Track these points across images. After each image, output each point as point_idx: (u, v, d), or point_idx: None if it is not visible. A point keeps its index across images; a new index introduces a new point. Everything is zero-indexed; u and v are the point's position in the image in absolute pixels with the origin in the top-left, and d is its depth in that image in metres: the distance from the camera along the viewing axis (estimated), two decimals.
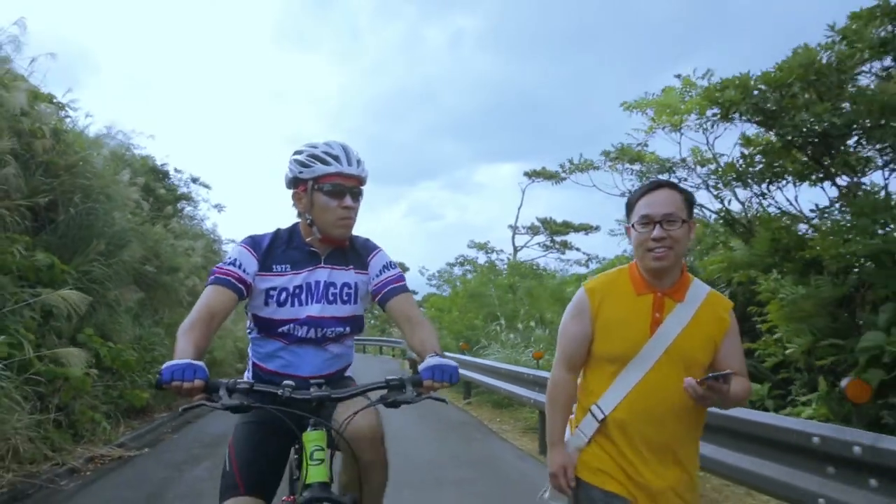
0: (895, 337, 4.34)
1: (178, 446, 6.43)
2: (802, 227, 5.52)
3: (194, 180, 15.33)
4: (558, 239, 30.25)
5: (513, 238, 29.98)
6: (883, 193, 4.84)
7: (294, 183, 1.95)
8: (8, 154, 6.29)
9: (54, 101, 8.98)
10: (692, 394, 1.64)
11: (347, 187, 1.88)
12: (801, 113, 4.46)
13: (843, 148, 4.71)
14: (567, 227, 29.30)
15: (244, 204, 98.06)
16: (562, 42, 78.57)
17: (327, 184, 1.87)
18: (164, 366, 1.50)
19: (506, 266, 20.08)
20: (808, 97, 4.63)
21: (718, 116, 5.22)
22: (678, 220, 1.71)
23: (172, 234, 11.28)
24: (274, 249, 1.96)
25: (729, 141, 16.84)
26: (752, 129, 5.47)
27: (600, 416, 1.78)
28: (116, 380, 6.96)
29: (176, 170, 14.28)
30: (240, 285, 1.86)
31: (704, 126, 5.79)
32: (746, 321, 5.46)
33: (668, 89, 6.46)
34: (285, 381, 1.58)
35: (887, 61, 4.57)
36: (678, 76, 6.25)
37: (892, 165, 4.72)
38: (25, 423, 4.70)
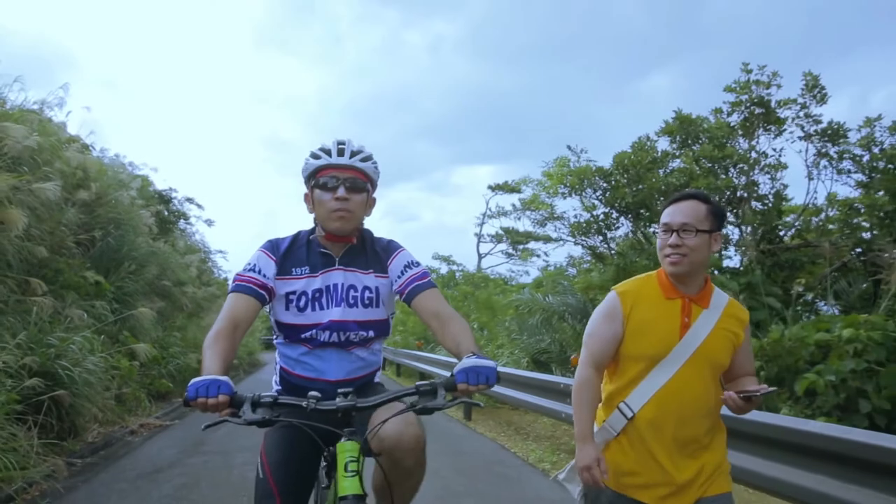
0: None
1: (204, 418, 8.55)
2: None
3: (188, 200, 17.25)
4: (521, 247, 32.68)
5: (477, 246, 32.28)
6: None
7: (306, 185, 1.95)
8: (70, 199, 8.34)
9: (81, 142, 11.01)
10: (731, 405, 1.79)
11: (341, 179, 1.85)
12: (621, 190, 6.87)
13: (640, 213, 7.18)
14: (528, 236, 31.67)
15: (220, 203, 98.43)
16: (540, 50, 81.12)
17: (321, 178, 1.87)
18: (191, 383, 1.50)
19: (460, 276, 22.50)
20: (623, 182, 7.05)
21: (568, 192, 7.71)
22: (693, 229, 1.82)
23: (178, 252, 13.31)
24: (293, 252, 1.95)
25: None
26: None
27: (630, 414, 1.86)
28: (148, 370, 9.05)
29: (172, 189, 16.26)
30: (261, 291, 1.86)
31: (565, 194, 8.27)
32: None
33: (562, 160, 8.82)
34: (311, 393, 1.53)
35: (676, 162, 7.03)
36: (570, 147, 8.65)
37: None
38: (103, 397, 6.82)
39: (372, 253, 1.98)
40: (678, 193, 1.96)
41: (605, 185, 7.35)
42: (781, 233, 7.85)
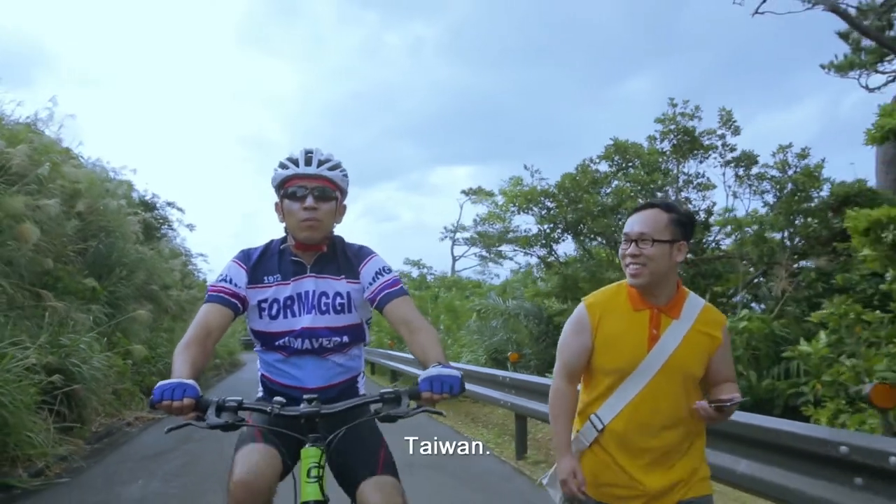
0: None
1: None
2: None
3: (170, 204, 17.91)
4: (494, 249, 33.68)
5: (451, 249, 33.21)
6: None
7: (276, 195, 1.96)
8: (68, 211, 9.09)
9: (74, 154, 11.70)
10: (703, 415, 1.77)
11: (308, 188, 1.87)
12: (563, 210, 7.94)
13: (578, 229, 8.31)
14: (501, 239, 32.65)
15: (198, 203, 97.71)
16: (520, 53, 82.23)
17: (289, 187, 1.88)
18: (157, 386, 1.51)
19: (432, 279, 23.55)
20: (564, 202, 8.14)
21: (517, 210, 8.83)
22: (650, 239, 1.79)
23: (162, 257, 14.03)
24: (265, 260, 1.97)
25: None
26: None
27: (599, 426, 1.86)
28: (140, 369, 9.84)
29: (155, 195, 16.93)
30: (233, 300, 1.88)
31: (514, 212, 9.38)
32: (556, 330, 8.92)
33: (516, 180, 9.90)
34: (275, 398, 1.56)
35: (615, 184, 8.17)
36: (526, 167, 9.74)
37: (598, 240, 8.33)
38: (105, 392, 7.64)
39: (343, 259, 1.99)
40: (642, 203, 1.96)
41: (549, 204, 8.44)
42: (705, 245, 9.02)
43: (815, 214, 7.96)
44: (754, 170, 8.75)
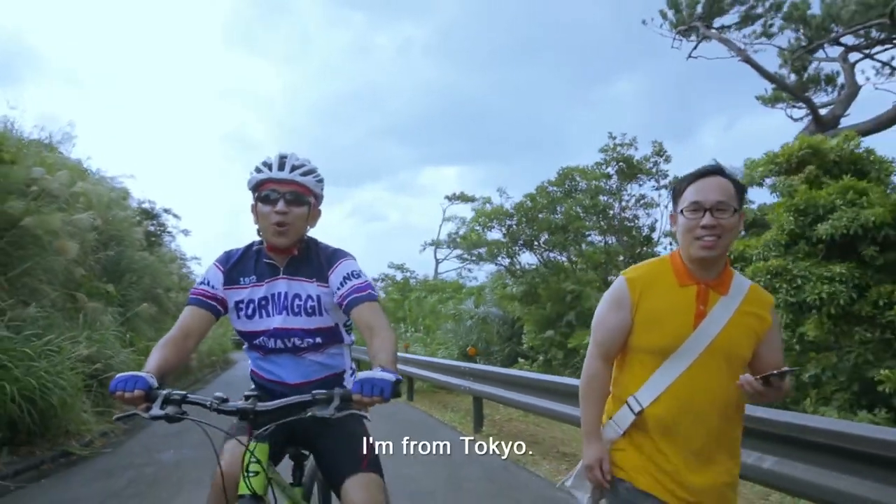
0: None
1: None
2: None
3: (166, 211, 19.01)
4: (476, 252, 34.99)
5: (434, 252, 34.43)
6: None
7: (252, 197, 2.00)
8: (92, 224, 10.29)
9: (90, 171, 12.86)
10: (748, 390, 1.60)
11: (281, 193, 1.91)
12: (521, 228, 9.45)
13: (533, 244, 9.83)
14: (476, 244, 33.96)
15: (186, 201, 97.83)
16: (507, 53, 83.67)
17: (263, 191, 1.93)
18: (115, 377, 1.61)
19: (415, 282, 24.97)
20: (522, 222, 9.67)
21: (482, 229, 10.28)
22: (729, 208, 1.66)
23: (163, 262, 15.21)
24: (242, 262, 2.04)
25: None
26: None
27: (637, 409, 1.73)
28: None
29: (151, 202, 18.03)
30: (212, 302, 1.98)
31: (479, 232, 10.85)
32: (521, 330, 10.39)
33: (487, 199, 11.39)
34: (216, 394, 1.61)
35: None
36: (501, 190, 11.24)
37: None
38: None
39: (316, 262, 2.03)
40: (697, 169, 1.77)
41: (510, 223, 9.93)
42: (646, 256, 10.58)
43: None
44: None
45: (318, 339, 2.01)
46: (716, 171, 1.75)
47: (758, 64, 10.08)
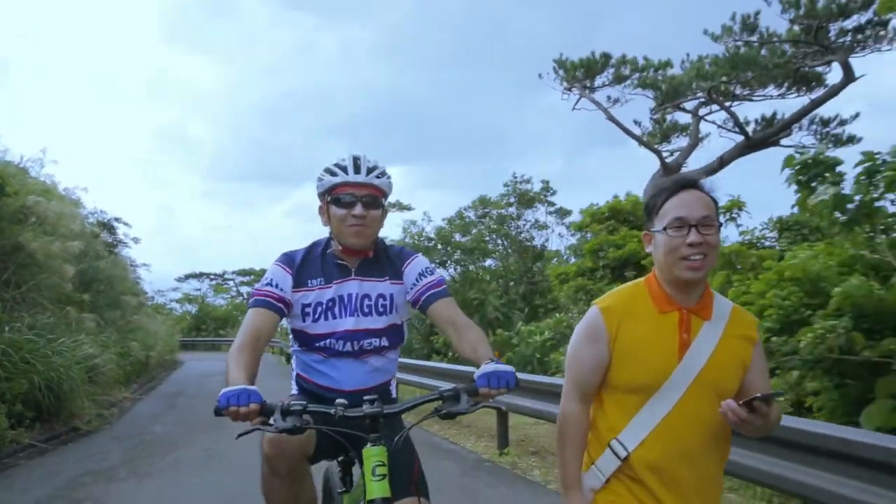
0: None
1: (166, 390, 12.47)
2: None
3: (118, 220, 20.28)
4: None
5: None
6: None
7: (320, 199, 2.02)
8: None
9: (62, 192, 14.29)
10: (732, 418, 1.44)
11: (358, 196, 1.93)
12: (437, 251, 11.93)
13: (445, 263, 12.38)
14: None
15: (123, 201, 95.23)
16: (450, 56, 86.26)
17: (337, 194, 1.94)
18: (221, 392, 1.54)
19: None
20: (440, 245, 12.16)
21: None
22: (714, 223, 1.53)
23: (123, 269, 16.76)
24: (308, 264, 2.04)
25: None
26: None
27: (623, 454, 1.56)
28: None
29: (102, 211, 19.34)
30: (279, 304, 1.96)
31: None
32: (432, 329, 12.82)
33: (411, 221, 13.87)
34: (338, 400, 1.59)
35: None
36: (424, 213, 13.68)
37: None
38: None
39: (386, 260, 2.07)
40: (672, 183, 1.61)
41: (427, 245, 12.34)
42: (535, 270, 13.25)
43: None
44: (567, 219, 13.20)
45: (384, 341, 2.05)
46: (694, 184, 1.60)
47: (617, 120, 12.77)
